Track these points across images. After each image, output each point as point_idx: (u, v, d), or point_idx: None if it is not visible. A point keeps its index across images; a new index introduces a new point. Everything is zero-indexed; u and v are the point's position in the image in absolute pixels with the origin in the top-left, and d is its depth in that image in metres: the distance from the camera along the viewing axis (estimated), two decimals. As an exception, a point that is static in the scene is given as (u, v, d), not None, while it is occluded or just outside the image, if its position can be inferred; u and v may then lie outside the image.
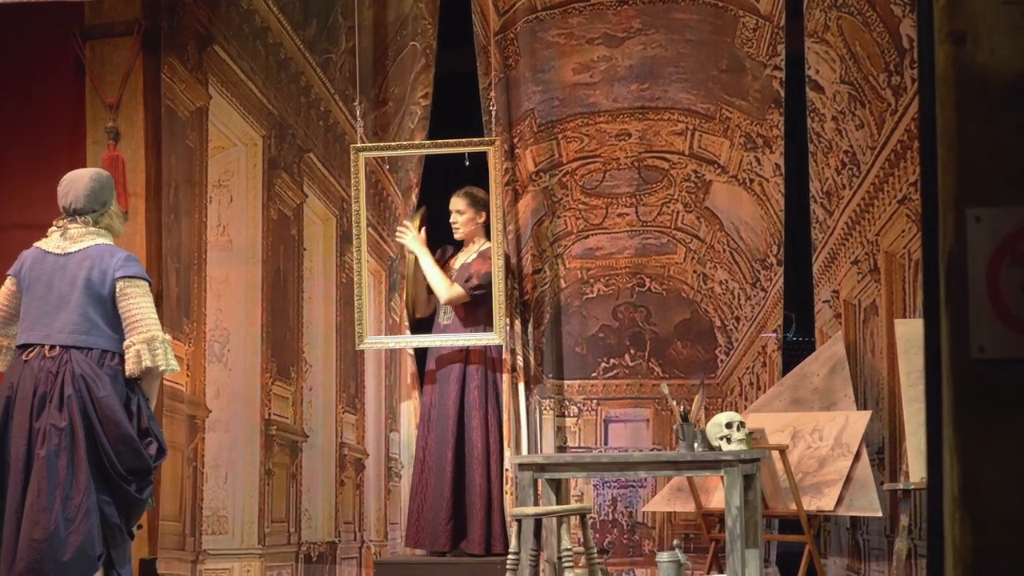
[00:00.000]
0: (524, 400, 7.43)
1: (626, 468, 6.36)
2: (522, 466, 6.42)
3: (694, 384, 7.24)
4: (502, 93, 7.53)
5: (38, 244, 5.73)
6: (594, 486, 7.47)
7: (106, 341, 5.56)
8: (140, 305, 5.58)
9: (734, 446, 6.36)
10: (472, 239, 7.42)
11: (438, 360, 7.35)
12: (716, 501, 6.89)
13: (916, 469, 6.44)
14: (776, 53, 7.30)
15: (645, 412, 7.52)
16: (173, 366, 5.65)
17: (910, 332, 6.57)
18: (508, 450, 7.24)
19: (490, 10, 7.55)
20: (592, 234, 7.56)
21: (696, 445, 6.39)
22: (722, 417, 6.50)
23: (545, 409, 7.51)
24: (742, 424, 6.45)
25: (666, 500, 7.17)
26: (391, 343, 7.57)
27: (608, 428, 7.54)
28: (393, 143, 7.57)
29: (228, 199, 7.87)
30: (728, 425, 6.43)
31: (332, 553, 7.70)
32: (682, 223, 7.49)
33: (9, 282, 5.76)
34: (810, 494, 6.68)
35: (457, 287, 7.28)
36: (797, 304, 7.64)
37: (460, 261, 7.40)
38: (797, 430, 6.88)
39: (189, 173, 7.83)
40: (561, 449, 7.48)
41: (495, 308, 7.17)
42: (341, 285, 7.80)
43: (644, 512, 7.46)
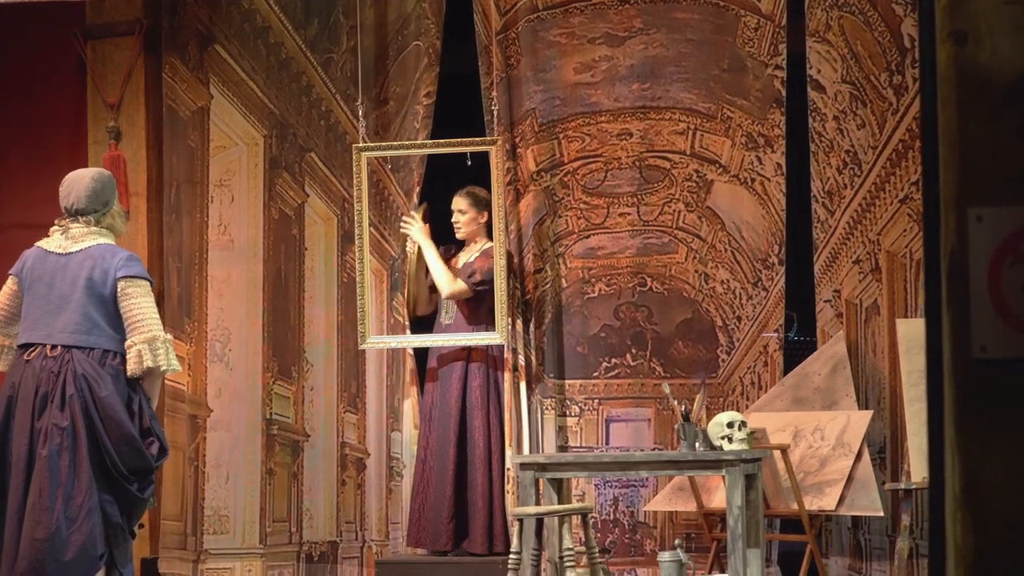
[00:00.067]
0: (526, 399, 7.43)
1: (627, 468, 6.36)
2: (524, 466, 6.42)
3: (695, 384, 7.24)
4: (503, 92, 7.53)
5: (39, 244, 5.73)
6: (595, 486, 7.47)
7: (108, 341, 5.56)
8: (141, 305, 5.58)
9: (735, 446, 6.36)
10: (474, 239, 7.42)
11: (439, 359, 7.35)
12: (718, 501, 6.89)
13: (918, 469, 6.44)
14: (777, 52, 7.30)
15: (647, 412, 7.52)
16: (175, 366, 5.65)
17: (911, 332, 6.57)
18: (510, 449, 7.24)
19: (492, 10, 7.55)
20: (593, 234, 7.56)
21: (697, 445, 6.39)
22: (723, 417, 6.50)
23: (547, 409, 7.51)
24: (743, 424, 6.45)
25: (667, 500, 7.17)
26: (393, 343, 7.57)
27: (610, 428, 7.54)
28: (395, 143, 7.57)
29: (229, 199, 7.87)
30: (729, 425, 6.43)
31: (333, 553, 7.70)
32: (684, 223, 7.49)
33: (11, 282, 5.75)
34: (811, 494, 6.68)
35: (460, 282, 7.28)
36: (798, 304, 7.64)
37: (462, 260, 7.40)
38: (798, 430, 6.88)
39: (190, 173, 7.83)
40: (563, 449, 7.48)
41: (497, 308, 7.17)
42: (342, 285, 7.80)
43: (646, 512, 7.46)
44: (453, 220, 7.41)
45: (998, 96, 2.26)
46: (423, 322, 7.59)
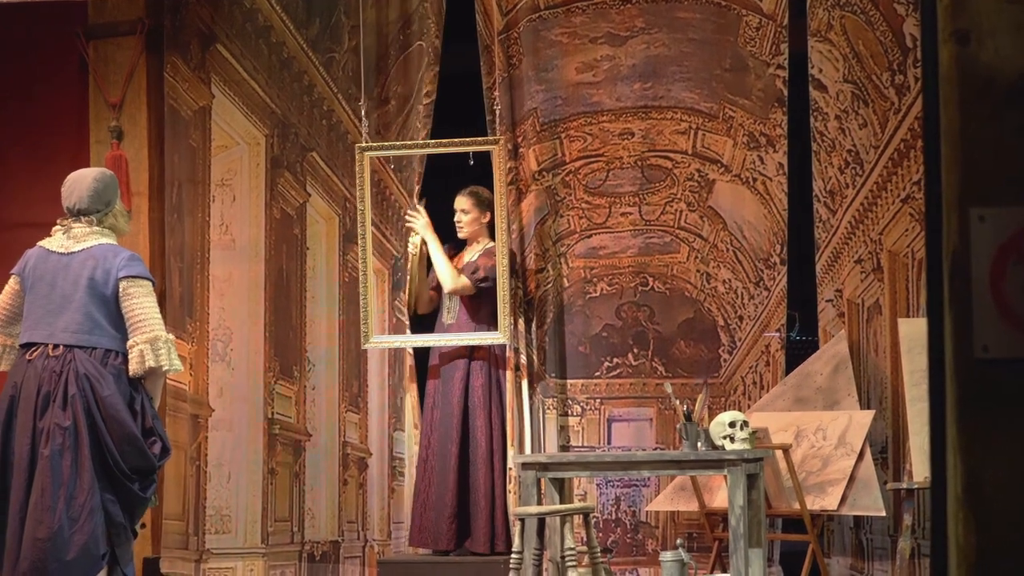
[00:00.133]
0: (528, 399, 7.42)
1: (629, 467, 6.36)
2: (525, 465, 6.42)
3: (697, 383, 7.24)
4: (505, 92, 7.53)
5: (42, 243, 5.74)
6: (597, 485, 7.46)
7: (110, 341, 5.56)
8: (143, 305, 5.58)
9: (737, 445, 6.36)
10: (476, 239, 7.42)
11: (441, 358, 7.34)
12: (719, 500, 6.88)
13: (920, 468, 6.44)
14: (779, 52, 7.30)
15: (648, 411, 7.52)
16: (176, 366, 5.65)
17: (913, 331, 6.56)
18: (511, 449, 7.24)
19: (493, 9, 7.55)
20: (595, 233, 7.56)
21: (699, 444, 6.39)
22: (725, 416, 6.49)
23: (548, 408, 7.51)
24: (745, 423, 6.45)
25: (669, 499, 7.16)
26: (396, 343, 7.57)
27: (611, 427, 7.54)
28: (398, 143, 7.57)
29: (231, 198, 7.87)
30: (731, 424, 6.43)
31: (335, 552, 7.70)
32: (685, 222, 7.49)
33: (13, 281, 5.76)
34: (813, 493, 6.68)
35: (463, 278, 7.28)
36: (800, 303, 7.64)
37: (465, 260, 7.40)
38: (800, 429, 6.88)
39: (192, 172, 7.84)
40: (564, 448, 7.48)
41: (500, 307, 7.17)
42: (344, 284, 7.80)
43: (647, 511, 7.46)
44: (456, 220, 7.40)
45: (1000, 96, 2.26)
46: (424, 321, 7.59)
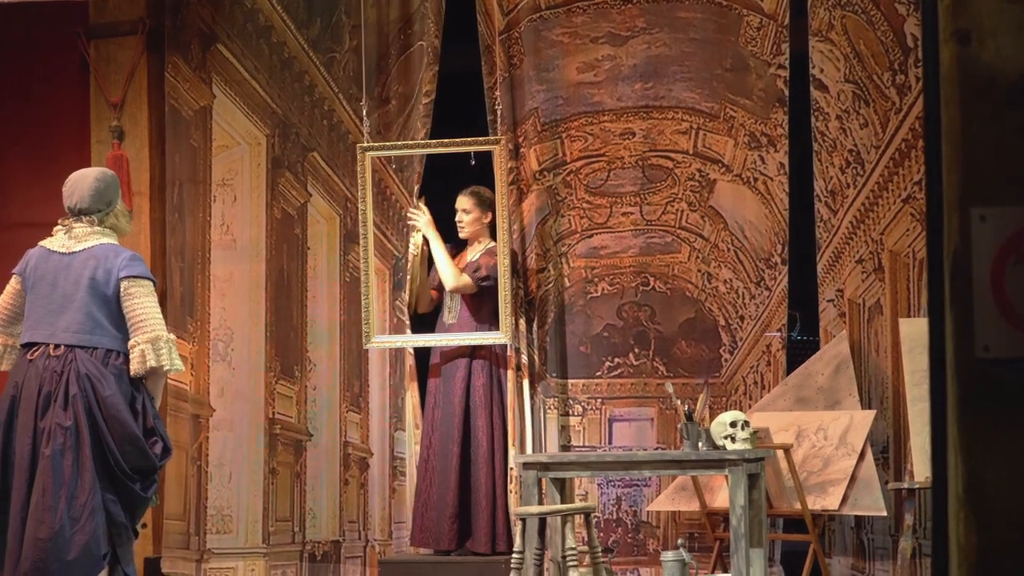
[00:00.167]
0: (529, 399, 7.42)
1: (630, 467, 6.36)
2: (526, 465, 6.42)
3: (698, 383, 7.23)
4: (506, 92, 7.53)
5: (43, 243, 5.74)
6: (598, 485, 7.46)
7: (111, 340, 5.56)
8: (144, 305, 5.58)
9: (738, 445, 6.36)
10: (477, 238, 7.41)
11: (442, 358, 7.34)
12: (720, 500, 6.88)
13: (921, 468, 6.44)
14: (780, 52, 7.30)
15: (649, 411, 7.52)
16: (178, 366, 5.65)
17: (914, 331, 6.56)
18: (513, 449, 7.24)
19: (494, 9, 7.55)
20: (596, 233, 7.56)
21: (700, 444, 6.39)
22: (726, 416, 6.49)
23: (549, 408, 7.51)
24: (746, 423, 6.45)
25: (670, 499, 7.16)
26: (398, 343, 7.57)
27: (612, 427, 7.54)
28: (399, 143, 7.57)
29: (232, 198, 7.87)
30: (732, 424, 6.43)
31: (336, 552, 7.70)
32: (686, 222, 7.49)
33: (14, 281, 5.76)
34: (814, 493, 6.68)
35: (465, 276, 7.27)
36: (801, 303, 7.64)
37: (466, 259, 7.40)
38: (801, 429, 6.88)
39: (193, 172, 7.84)
40: (565, 448, 7.48)
41: (501, 307, 7.17)
42: (345, 284, 7.80)
43: (648, 511, 7.45)
44: (457, 220, 7.40)
45: (1001, 95, 2.26)
46: (424, 320, 7.59)
